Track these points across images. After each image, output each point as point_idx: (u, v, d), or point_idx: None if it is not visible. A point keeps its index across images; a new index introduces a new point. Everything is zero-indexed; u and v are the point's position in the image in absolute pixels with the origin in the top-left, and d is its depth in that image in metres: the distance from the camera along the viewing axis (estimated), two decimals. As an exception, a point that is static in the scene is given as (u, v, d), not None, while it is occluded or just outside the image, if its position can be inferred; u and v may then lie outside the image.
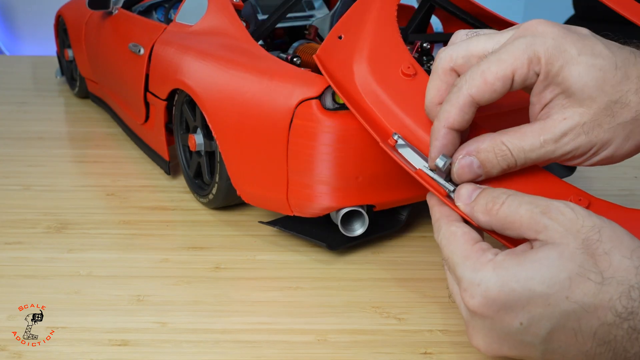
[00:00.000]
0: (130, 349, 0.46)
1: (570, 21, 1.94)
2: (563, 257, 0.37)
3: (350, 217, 0.57)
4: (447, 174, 0.45)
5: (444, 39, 0.79)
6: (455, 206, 0.44)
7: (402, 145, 0.48)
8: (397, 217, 0.61)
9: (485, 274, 0.39)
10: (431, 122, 0.46)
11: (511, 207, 0.41)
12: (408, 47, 0.72)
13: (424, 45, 0.72)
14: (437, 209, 0.45)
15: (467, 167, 0.44)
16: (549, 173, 0.50)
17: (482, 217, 0.42)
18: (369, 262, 0.58)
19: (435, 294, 0.53)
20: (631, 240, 0.38)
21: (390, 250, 0.60)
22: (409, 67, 0.52)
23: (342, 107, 0.53)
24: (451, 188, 0.44)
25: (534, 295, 0.37)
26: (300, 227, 0.59)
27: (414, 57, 0.71)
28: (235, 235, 0.63)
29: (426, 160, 0.47)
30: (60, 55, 1.15)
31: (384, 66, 0.53)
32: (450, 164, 0.44)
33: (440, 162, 0.44)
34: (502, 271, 0.38)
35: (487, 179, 0.45)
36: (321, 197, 0.54)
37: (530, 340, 0.38)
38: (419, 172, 0.46)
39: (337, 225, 0.56)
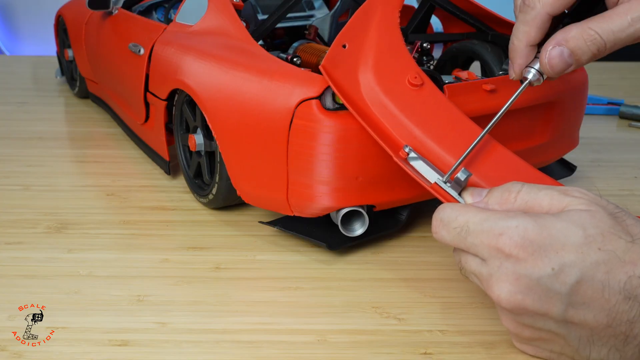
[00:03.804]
0: (130, 349, 0.46)
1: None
2: (595, 218, 0.39)
3: (350, 217, 0.57)
4: (463, 188, 0.46)
5: (444, 39, 0.79)
6: None
7: (414, 158, 0.48)
8: (397, 217, 0.61)
9: (521, 219, 0.39)
10: (440, 133, 0.48)
11: (530, 194, 0.41)
12: (408, 47, 0.72)
13: (424, 45, 0.72)
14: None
15: (557, 57, 0.45)
16: (548, 176, 0.50)
17: (499, 208, 0.42)
18: (369, 262, 0.58)
19: (435, 294, 0.53)
20: None
21: (390, 250, 0.60)
22: (415, 77, 0.53)
23: (342, 107, 0.53)
24: (464, 202, 0.45)
25: (569, 242, 0.38)
26: (300, 227, 0.59)
27: (414, 57, 0.71)
28: (235, 235, 0.63)
29: (439, 173, 0.48)
30: (60, 55, 1.15)
31: (390, 76, 0.53)
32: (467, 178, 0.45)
33: (462, 176, 0.45)
34: (539, 218, 0.39)
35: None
36: (321, 197, 0.54)
37: (558, 289, 0.38)
38: (434, 186, 0.47)
39: (337, 225, 0.56)
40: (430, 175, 0.47)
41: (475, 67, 0.75)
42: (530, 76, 0.48)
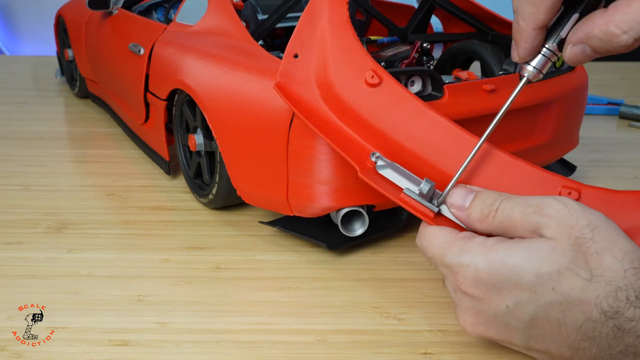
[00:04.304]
0: (130, 349, 0.46)
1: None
2: (555, 251, 0.38)
3: (350, 217, 0.57)
4: (431, 198, 0.45)
5: (444, 39, 0.79)
6: (449, 220, 0.44)
7: (382, 167, 0.47)
8: (397, 217, 0.61)
9: (474, 256, 0.40)
10: (406, 131, 0.47)
11: (505, 212, 0.41)
12: (408, 48, 0.72)
13: (424, 45, 0.72)
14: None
15: (580, 54, 0.42)
16: (537, 166, 0.49)
17: (478, 225, 0.43)
18: (369, 262, 0.58)
19: (435, 294, 0.53)
20: (627, 242, 0.38)
21: (390, 250, 0.60)
22: (372, 76, 0.50)
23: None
24: (436, 209, 0.44)
25: (522, 281, 0.38)
26: (300, 227, 0.59)
27: (414, 57, 0.71)
28: (235, 235, 0.63)
29: (409, 179, 0.46)
30: (60, 55, 1.15)
31: (346, 78, 0.51)
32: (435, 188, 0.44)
33: (425, 188, 0.44)
34: (491, 254, 0.39)
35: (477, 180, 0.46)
36: (321, 197, 0.54)
37: (515, 325, 0.39)
38: (402, 197, 0.45)
39: (337, 225, 0.56)
40: (401, 182, 0.46)
41: (475, 67, 0.75)
42: (527, 74, 0.47)
